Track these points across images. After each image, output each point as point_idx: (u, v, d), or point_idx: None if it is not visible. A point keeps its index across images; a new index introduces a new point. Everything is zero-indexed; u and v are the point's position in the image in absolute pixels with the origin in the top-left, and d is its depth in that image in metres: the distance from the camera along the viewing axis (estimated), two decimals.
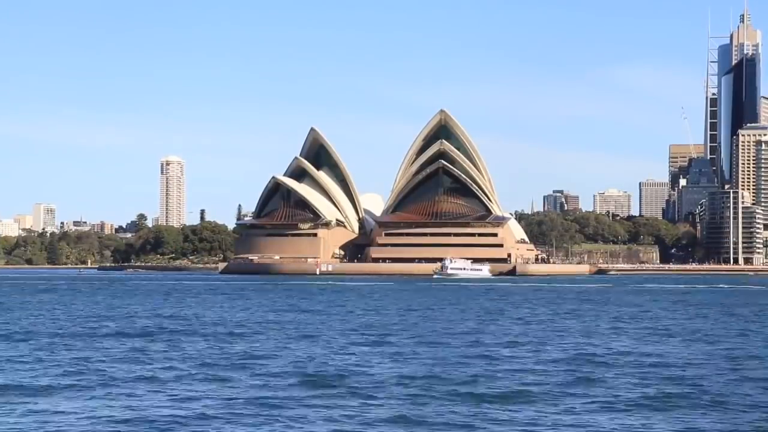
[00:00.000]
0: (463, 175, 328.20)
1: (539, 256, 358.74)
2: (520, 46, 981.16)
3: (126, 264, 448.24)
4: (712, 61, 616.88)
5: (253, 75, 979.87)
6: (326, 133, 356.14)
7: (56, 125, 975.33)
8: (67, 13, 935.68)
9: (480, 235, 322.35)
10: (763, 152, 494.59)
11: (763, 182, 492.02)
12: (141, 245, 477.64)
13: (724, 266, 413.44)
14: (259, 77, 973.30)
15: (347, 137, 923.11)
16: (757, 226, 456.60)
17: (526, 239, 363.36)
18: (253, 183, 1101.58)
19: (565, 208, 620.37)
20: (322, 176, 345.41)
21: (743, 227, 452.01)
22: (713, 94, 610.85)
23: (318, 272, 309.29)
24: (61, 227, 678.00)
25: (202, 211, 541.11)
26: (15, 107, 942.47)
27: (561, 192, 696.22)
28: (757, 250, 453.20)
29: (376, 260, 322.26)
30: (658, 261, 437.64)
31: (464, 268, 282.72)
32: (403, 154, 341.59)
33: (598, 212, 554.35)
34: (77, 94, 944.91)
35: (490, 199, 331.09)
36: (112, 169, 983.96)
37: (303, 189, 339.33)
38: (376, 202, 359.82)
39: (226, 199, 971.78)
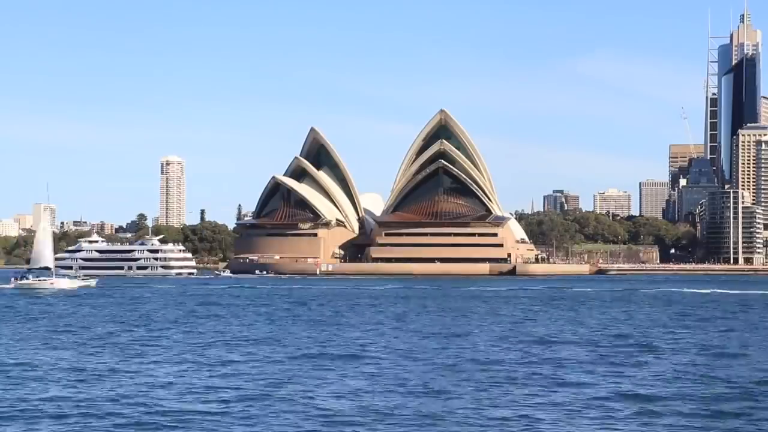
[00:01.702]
0: (463, 175, 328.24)
1: (539, 256, 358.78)
2: (520, 45, 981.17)
3: None
4: (712, 61, 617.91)
5: (253, 75, 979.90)
6: (326, 133, 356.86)
7: (56, 125, 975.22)
8: (67, 13, 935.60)
9: (480, 235, 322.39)
10: (763, 152, 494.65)
11: (763, 182, 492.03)
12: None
13: (724, 266, 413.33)
14: (259, 77, 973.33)
15: (347, 137, 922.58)
16: (757, 226, 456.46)
17: (526, 239, 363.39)
18: (253, 183, 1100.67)
19: (565, 208, 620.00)
20: (322, 176, 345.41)
21: (743, 227, 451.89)
22: (713, 94, 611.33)
23: (318, 272, 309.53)
24: (61, 227, 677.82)
25: (202, 211, 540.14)
26: (15, 107, 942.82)
27: (561, 192, 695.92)
28: (757, 250, 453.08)
29: (376, 260, 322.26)
30: (658, 261, 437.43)
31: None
32: (403, 154, 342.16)
33: (598, 212, 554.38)
34: (77, 94, 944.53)
35: (490, 199, 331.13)
36: (112, 169, 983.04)
37: (303, 189, 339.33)
38: (376, 202, 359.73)
39: (226, 199, 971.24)
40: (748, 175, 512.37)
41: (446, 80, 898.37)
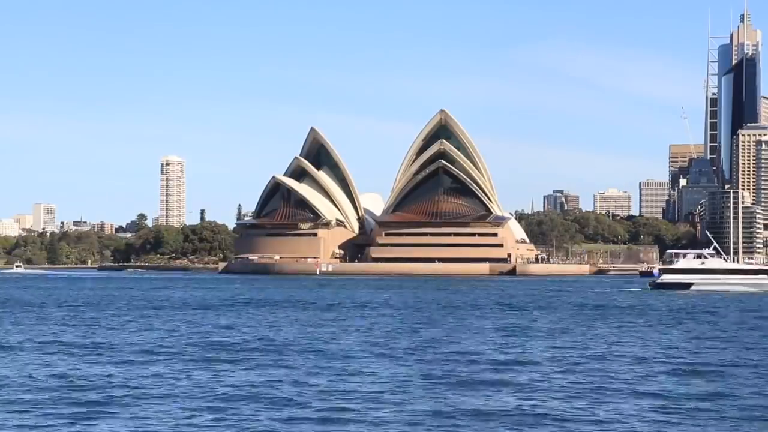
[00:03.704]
0: (463, 175, 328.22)
1: (539, 256, 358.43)
2: (521, 46, 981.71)
3: (126, 264, 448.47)
4: (712, 61, 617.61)
5: (253, 75, 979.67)
6: (326, 133, 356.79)
7: (56, 125, 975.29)
8: (67, 13, 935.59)
9: (480, 235, 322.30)
10: (763, 152, 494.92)
11: (763, 182, 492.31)
12: (141, 245, 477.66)
13: None
14: (258, 77, 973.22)
15: (347, 137, 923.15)
16: (757, 226, 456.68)
17: (526, 239, 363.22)
18: (253, 183, 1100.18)
19: (565, 208, 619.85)
20: (322, 176, 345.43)
21: (743, 227, 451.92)
22: (713, 94, 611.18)
23: (318, 272, 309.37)
24: (61, 227, 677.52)
25: (202, 211, 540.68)
26: (15, 107, 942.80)
27: (561, 192, 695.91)
28: (757, 250, 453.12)
29: (376, 260, 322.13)
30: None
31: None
32: (403, 154, 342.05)
33: (598, 212, 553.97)
34: (77, 94, 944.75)
35: (490, 199, 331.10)
36: (112, 169, 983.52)
37: (303, 189, 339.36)
38: (376, 202, 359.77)
39: (226, 199, 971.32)
40: (748, 175, 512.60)
41: (446, 80, 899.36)
